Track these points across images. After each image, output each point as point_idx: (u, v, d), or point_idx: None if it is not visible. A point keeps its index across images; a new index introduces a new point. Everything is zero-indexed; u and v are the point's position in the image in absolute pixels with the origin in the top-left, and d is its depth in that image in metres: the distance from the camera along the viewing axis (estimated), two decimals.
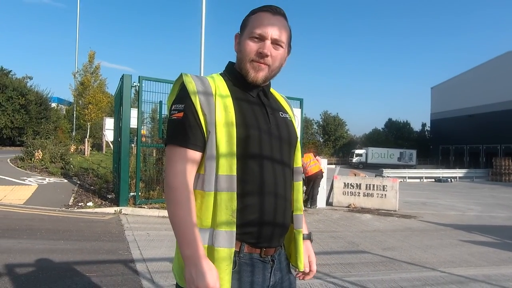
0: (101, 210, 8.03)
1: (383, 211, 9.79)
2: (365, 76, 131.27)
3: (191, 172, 1.20)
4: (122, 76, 8.18)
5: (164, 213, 7.93)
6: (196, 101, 1.20)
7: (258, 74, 1.25)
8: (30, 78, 36.49)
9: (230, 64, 1.36)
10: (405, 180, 25.52)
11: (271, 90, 1.43)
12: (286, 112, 1.40)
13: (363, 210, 9.79)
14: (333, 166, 48.55)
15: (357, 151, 47.59)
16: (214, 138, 1.17)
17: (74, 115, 29.91)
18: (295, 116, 1.51)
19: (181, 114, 1.20)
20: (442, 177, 26.27)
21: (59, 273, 4.07)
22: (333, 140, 57.14)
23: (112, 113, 23.08)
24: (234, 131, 1.18)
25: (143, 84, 8.28)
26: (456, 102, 47.63)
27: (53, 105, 36.39)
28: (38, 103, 33.97)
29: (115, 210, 7.92)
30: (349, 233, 6.95)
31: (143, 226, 6.88)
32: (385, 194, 10.22)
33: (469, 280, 4.30)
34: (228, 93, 1.25)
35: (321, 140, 58.52)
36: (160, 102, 9.37)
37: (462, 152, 46.30)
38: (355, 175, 11.44)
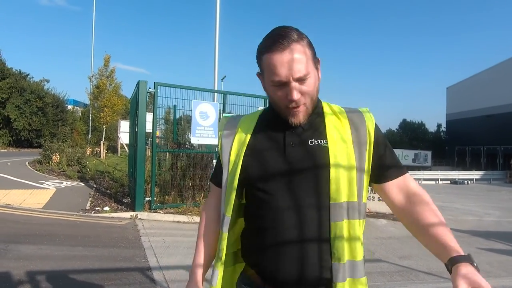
0: (117, 215, 8.14)
1: None
2: (380, 76, 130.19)
3: (216, 205, 1.34)
4: (138, 82, 8.29)
5: (179, 218, 8.01)
6: (220, 143, 1.32)
7: (298, 119, 1.18)
8: (47, 81, 37.26)
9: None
10: (420, 182, 25.19)
11: (326, 107, 1.27)
12: (324, 138, 1.19)
13: (378, 215, 9.70)
14: None
15: None
16: (222, 179, 1.27)
17: (90, 117, 30.39)
18: (364, 121, 1.23)
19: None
20: (458, 179, 25.87)
21: (79, 281, 4.15)
22: None
23: (127, 115, 23.39)
24: (238, 172, 1.21)
25: (158, 90, 8.38)
26: (473, 103, 46.87)
27: (69, 107, 37.06)
28: (55, 105, 34.68)
29: (131, 215, 8.02)
30: (365, 240, 6.82)
31: (158, 232, 6.95)
32: None
33: None
34: (250, 133, 1.26)
35: None
36: (175, 106, 9.46)
37: (479, 153, 45.54)
38: None
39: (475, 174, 27.83)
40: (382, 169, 1.23)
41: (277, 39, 1.12)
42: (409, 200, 1.22)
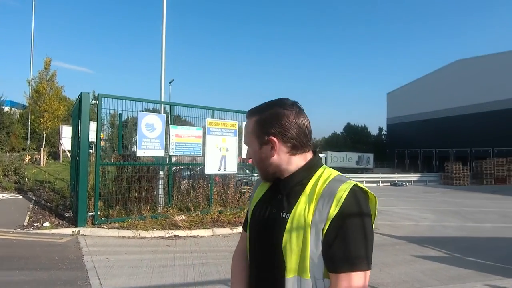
0: (58, 231, 7.78)
1: None
2: (325, 82, 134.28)
3: (242, 248, 1.51)
4: (81, 94, 7.98)
5: (124, 233, 7.80)
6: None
7: (260, 176, 1.40)
8: None
9: None
10: (362, 184, 26.29)
11: (316, 176, 1.27)
12: (290, 211, 1.21)
13: None
14: None
15: None
16: None
17: (29, 122, 28.61)
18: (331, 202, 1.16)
19: None
20: (398, 181, 27.33)
21: None
22: None
23: (69, 117, 22.30)
24: (247, 227, 1.44)
25: (102, 101, 8.12)
26: (411, 108, 49.74)
27: (6, 109, 34.57)
28: None
29: (73, 231, 7.70)
30: None
31: (102, 249, 6.73)
32: None
33: None
34: (264, 189, 1.41)
35: None
36: (120, 117, 9.21)
37: (417, 156, 48.40)
38: None
39: (413, 176, 29.54)
40: (326, 259, 1.15)
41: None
42: None
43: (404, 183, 27.00)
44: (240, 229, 8.64)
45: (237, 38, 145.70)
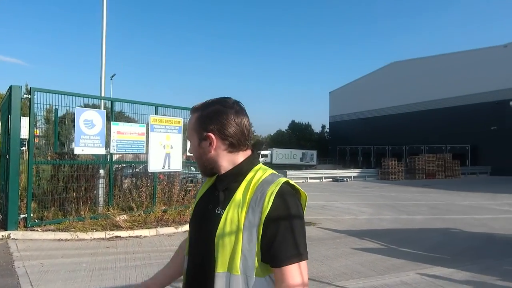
0: None
1: None
2: (271, 80, 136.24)
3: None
4: (10, 87, 7.41)
5: (61, 235, 7.39)
6: None
7: (202, 172, 1.44)
8: None
9: None
10: (306, 180, 27.09)
11: (251, 175, 1.31)
12: (225, 207, 1.25)
13: None
14: None
15: (263, 152, 49.14)
16: None
17: None
18: (252, 208, 1.21)
19: None
20: (339, 177, 28.38)
21: None
22: None
23: None
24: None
25: (35, 96, 7.61)
26: (351, 106, 51.93)
27: None
28: None
29: (2, 236, 7.17)
30: None
31: (36, 254, 6.33)
32: None
33: None
34: (207, 185, 1.44)
35: None
36: (56, 113, 8.71)
37: (356, 152, 50.63)
38: None
39: (353, 172, 30.83)
40: (267, 254, 1.19)
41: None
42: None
43: (345, 179, 28.10)
44: (185, 227, 8.54)
45: (184, 34, 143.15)
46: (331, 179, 28.19)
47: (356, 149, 50.73)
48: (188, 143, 1.35)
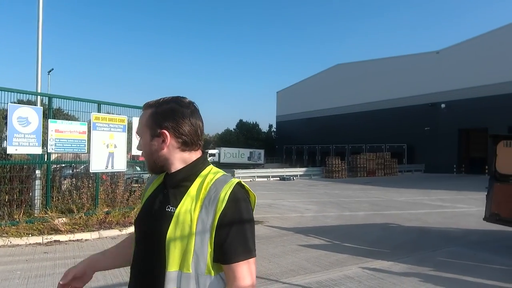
0: None
1: None
2: (220, 79, 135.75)
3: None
4: None
5: None
6: None
7: (148, 168, 1.42)
8: None
9: None
10: (254, 179, 27.32)
11: (205, 172, 1.32)
12: (176, 205, 1.25)
13: None
14: None
15: (211, 151, 48.85)
16: None
17: None
18: (205, 207, 1.23)
19: None
20: (286, 175, 28.91)
21: None
22: None
23: None
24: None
25: None
26: (298, 106, 53.12)
27: None
28: None
29: None
30: None
31: None
32: None
33: None
34: (156, 184, 1.43)
35: None
36: None
37: (302, 151, 51.87)
38: None
39: (299, 171, 31.55)
40: (219, 253, 1.21)
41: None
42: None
43: (291, 177, 28.68)
44: (130, 229, 8.27)
45: (131, 31, 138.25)
46: (278, 178, 28.64)
47: (302, 148, 51.95)
48: (136, 140, 1.31)
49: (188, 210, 1.23)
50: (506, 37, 29.54)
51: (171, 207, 1.27)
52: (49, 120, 8.23)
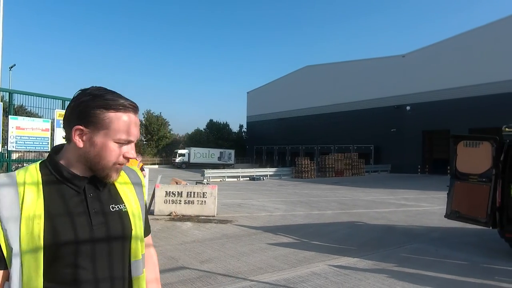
0: None
1: (203, 217, 10.25)
2: (189, 79, 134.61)
3: None
4: None
5: None
6: None
7: (118, 175, 1.23)
8: None
9: (53, 155, 1.20)
10: (224, 179, 27.24)
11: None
12: (121, 202, 1.23)
13: (184, 218, 10.05)
14: (156, 166, 48.11)
15: (180, 151, 48.36)
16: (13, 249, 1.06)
17: None
18: (142, 186, 1.37)
19: None
20: (256, 175, 29.01)
21: None
22: (156, 140, 56.50)
23: None
24: (41, 237, 1.06)
25: None
26: (268, 107, 53.42)
27: None
28: None
29: None
30: (169, 247, 7.06)
31: None
32: (205, 201, 10.72)
33: (273, 286, 4.93)
34: (40, 195, 1.11)
35: (144, 140, 57.21)
36: None
37: (273, 152, 52.19)
38: (177, 183, 11.64)
39: (269, 171, 31.73)
40: (146, 227, 1.38)
41: (126, 100, 1.18)
42: (148, 254, 1.41)
43: (261, 177, 28.80)
44: None
45: (96, 28, 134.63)
46: (248, 178, 28.69)
47: (272, 149, 52.26)
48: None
49: (132, 200, 1.28)
50: (469, 43, 30.84)
51: (117, 206, 1.22)
52: (9, 116, 7.90)
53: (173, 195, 10.78)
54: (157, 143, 56.71)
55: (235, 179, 28.20)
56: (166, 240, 7.63)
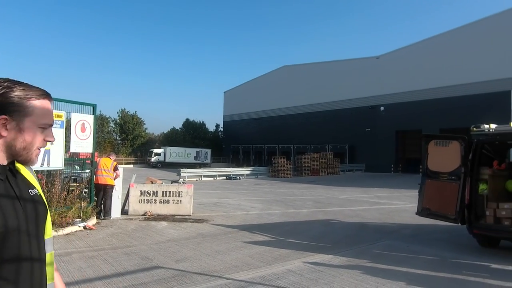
0: None
1: (178, 216, 10.16)
2: (165, 78, 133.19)
3: None
4: None
5: None
6: None
7: (37, 159, 1.31)
8: None
9: None
10: (200, 179, 27.09)
11: (17, 164, 1.30)
12: (34, 188, 1.31)
13: (159, 218, 9.93)
14: (131, 165, 47.36)
15: (156, 150, 47.79)
16: None
17: None
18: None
19: None
20: (232, 175, 28.98)
21: None
22: (131, 139, 55.55)
23: None
24: None
25: None
26: (245, 106, 53.40)
27: None
28: None
29: None
30: (144, 247, 6.96)
31: None
32: (181, 200, 10.63)
33: (248, 284, 4.94)
34: None
35: (119, 139, 56.19)
36: None
37: (249, 151, 52.25)
38: (152, 183, 11.49)
39: (246, 170, 31.75)
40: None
41: (40, 89, 1.27)
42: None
43: (238, 177, 28.79)
44: (67, 229, 7.87)
45: (75, 26, 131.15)
46: (225, 177, 28.63)
47: (249, 148, 52.30)
48: (74, 141, 1.20)
49: (37, 183, 1.35)
50: (440, 45, 31.74)
51: (32, 190, 1.29)
52: None
53: (148, 195, 10.64)
54: (132, 142, 55.77)
55: (212, 179, 28.09)
56: (140, 240, 7.52)
